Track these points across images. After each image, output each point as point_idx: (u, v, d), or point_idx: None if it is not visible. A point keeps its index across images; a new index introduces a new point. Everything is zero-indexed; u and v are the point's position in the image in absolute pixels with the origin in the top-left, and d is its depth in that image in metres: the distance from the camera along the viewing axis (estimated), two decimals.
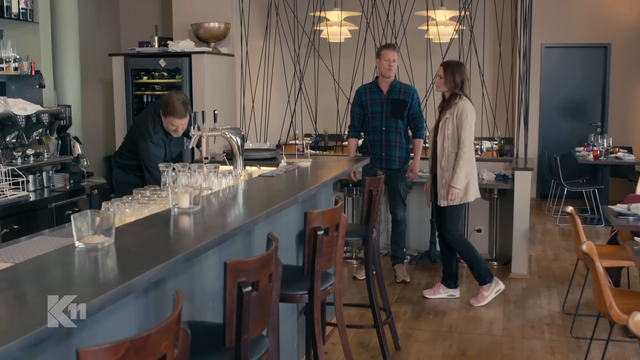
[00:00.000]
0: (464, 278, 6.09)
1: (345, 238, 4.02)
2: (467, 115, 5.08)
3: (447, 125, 5.15)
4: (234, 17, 7.21)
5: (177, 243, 2.40)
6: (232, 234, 2.61)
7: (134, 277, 1.97)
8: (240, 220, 2.85)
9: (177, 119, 4.52)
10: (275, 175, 4.03)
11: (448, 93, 5.21)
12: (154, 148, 4.59)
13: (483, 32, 7.17)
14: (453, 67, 5.17)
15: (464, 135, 5.08)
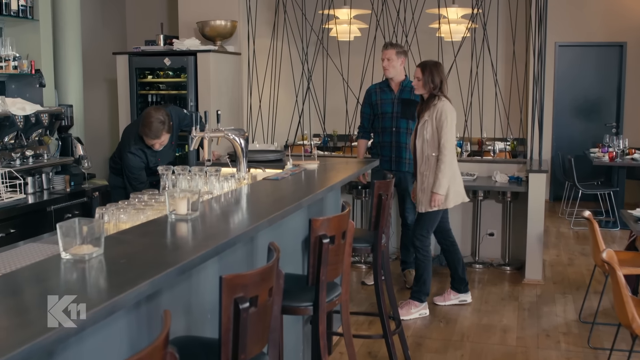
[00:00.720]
0: (476, 283, 5.91)
1: (353, 244, 3.86)
2: (446, 117, 4.85)
3: (425, 128, 4.94)
4: (240, 14, 7.05)
5: (171, 254, 2.24)
6: (230, 243, 2.44)
7: (120, 293, 1.80)
8: (241, 227, 2.68)
9: (152, 140, 4.42)
10: (280, 178, 3.86)
11: (426, 95, 5.00)
12: (132, 159, 4.50)
13: (496, 31, 6.97)
14: (431, 68, 4.94)
15: (444, 138, 4.85)
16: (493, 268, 6.34)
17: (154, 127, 4.37)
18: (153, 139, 4.43)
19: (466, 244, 6.65)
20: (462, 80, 6.85)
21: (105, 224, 2.91)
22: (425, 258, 5.13)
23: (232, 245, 2.49)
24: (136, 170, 4.53)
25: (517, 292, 5.66)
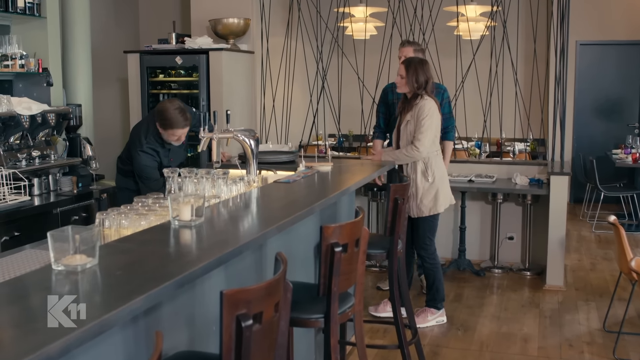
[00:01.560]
0: (495, 289, 5.72)
1: (368, 250, 3.69)
2: (426, 115, 4.62)
3: (408, 128, 4.74)
4: (254, 12, 6.90)
5: (170, 265, 2.08)
6: (236, 252, 2.28)
7: (111, 310, 1.65)
8: (248, 235, 2.52)
9: (179, 130, 4.19)
10: (291, 181, 3.70)
11: (410, 94, 4.79)
12: (145, 158, 4.28)
13: (517, 29, 6.78)
14: (416, 66, 4.72)
15: (422, 135, 4.60)
16: (512, 273, 6.14)
17: (175, 117, 4.14)
18: (183, 128, 4.17)
19: (485, 248, 6.47)
20: (481, 79, 6.65)
21: (106, 229, 2.79)
22: (433, 266, 4.93)
23: (238, 255, 2.33)
24: (150, 170, 4.29)
25: (537, 298, 5.47)
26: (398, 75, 4.80)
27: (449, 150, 5.53)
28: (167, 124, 4.16)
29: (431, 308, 4.94)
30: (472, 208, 6.38)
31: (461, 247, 6.24)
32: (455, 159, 6.49)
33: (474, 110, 6.99)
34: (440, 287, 4.95)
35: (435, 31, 6.82)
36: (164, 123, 4.18)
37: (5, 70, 4.91)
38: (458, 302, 5.35)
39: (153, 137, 4.30)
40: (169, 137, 4.24)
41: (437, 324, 4.94)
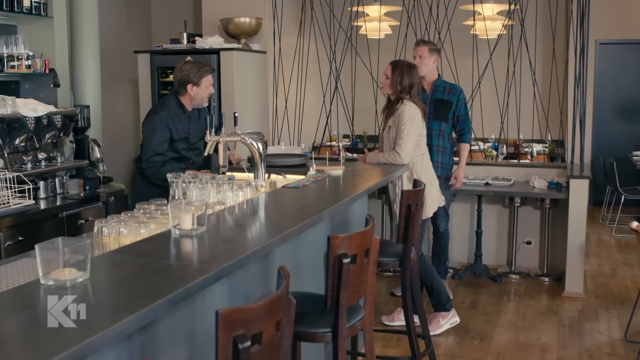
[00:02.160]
0: (512, 295, 5.56)
1: (380, 258, 3.56)
2: (405, 119, 4.45)
3: (390, 134, 4.59)
4: (266, 11, 6.78)
5: (165, 279, 1.96)
6: (236, 266, 2.15)
7: (96, 333, 1.53)
8: (251, 246, 2.39)
9: (211, 75, 4.31)
10: (301, 186, 3.57)
11: (393, 96, 4.63)
12: (159, 126, 4.19)
13: (535, 27, 6.59)
14: (403, 68, 4.56)
15: (402, 140, 4.43)
16: (530, 279, 5.98)
17: (201, 64, 4.29)
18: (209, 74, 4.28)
19: (502, 253, 6.31)
20: (498, 79, 6.49)
21: (104, 238, 2.67)
22: (425, 270, 4.76)
23: (239, 268, 2.20)
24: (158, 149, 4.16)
25: (556, 306, 5.30)
26: (383, 75, 4.66)
27: (465, 152, 5.39)
28: (198, 74, 4.24)
29: (441, 312, 4.79)
30: (488, 212, 6.22)
31: (477, 252, 6.08)
32: (471, 161, 6.34)
33: (491, 111, 6.82)
34: (440, 287, 4.78)
35: (451, 30, 6.67)
36: (193, 76, 4.24)
37: (11, 71, 4.83)
38: (474, 309, 5.20)
39: (174, 104, 4.32)
40: (204, 91, 4.28)
41: (451, 325, 4.81)
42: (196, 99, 4.33)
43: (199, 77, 4.25)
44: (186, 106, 4.35)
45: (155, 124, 4.22)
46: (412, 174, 4.52)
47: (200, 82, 4.27)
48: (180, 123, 4.31)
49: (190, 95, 4.30)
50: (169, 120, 4.24)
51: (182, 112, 4.34)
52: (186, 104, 4.35)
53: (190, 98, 4.32)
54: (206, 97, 4.34)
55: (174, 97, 4.37)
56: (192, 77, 4.26)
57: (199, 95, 4.30)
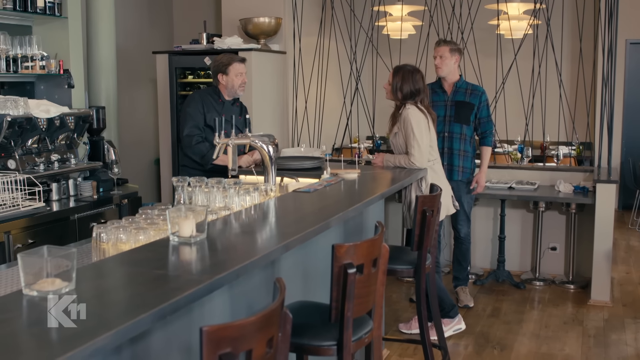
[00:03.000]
0: (536, 303, 5.39)
1: (393, 266, 3.44)
2: (410, 123, 4.31)
3: (397, 140, 4.45)
4: (286, 11, 6.67)
5: (154, 291, 1.86)
6: (231, 276, 2.05)
7: (68, 351, 1.43)
8: (251, 255, 2.27)
9: (239, 64, 4.57)
10: (312, 190, 3.46)
11: (397, 102, 4.49)
12: (195, 102, 4.54)
13: (561, 27, 6.39)
14: (404, 74, 4.40)
15: (413, 149, 4.30)
16: (555, 286, 5.79)
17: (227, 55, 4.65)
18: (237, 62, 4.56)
19: (525, 259, 6.13)
20: (523, 80, 6.31)
21: (103, 244, 2.59)
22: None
23: (235, 279, 2.09)
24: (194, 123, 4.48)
25: (581, 314, 5.12)
26: (387, 81, 4.54)
27: (487, 156, 5.24)
28: (227, 62, 4.55)
29: (444, 318, 4.64)
30: (512, 216, 6.05)
31: (500, 258, 5.91)
32: (494, 164, 6.17)
33: (516, 113, 6.64)
34: (442, 295, 4.62)
35: (474, 30, 6.50)
36: (221, 64, 4.55)
37: (25, 72, 4.78)
38: (495, 317, 5.04)
39: (211, 90, 4.67)
40: (234, 79, 4.55)
41: (454, 332, 4.70)
42: (228, 87, 4.61)
43: (227, 66, 4.55)
44: (223, 94, 4.66)
45: (193, 97, 4.64)
46: (420, 180, 4.37)
47: (229, 70, 4.55)
48: (215, 105, 4.62)
49: (223, 84, 4.61)
50: (205, 96, 4.62)
51: (218, 97, 4.64)
52: (223, 93, 4.65)
53: (224, 87, 4.63)
54: (238, 86, 4.59)
55: (212, 86, 4.77)
56: (221, 67, 4.58)
57: (229, 83, 4.58)
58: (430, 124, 4.46)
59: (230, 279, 2.05)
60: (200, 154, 4.44)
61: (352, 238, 3.65)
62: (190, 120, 4.48)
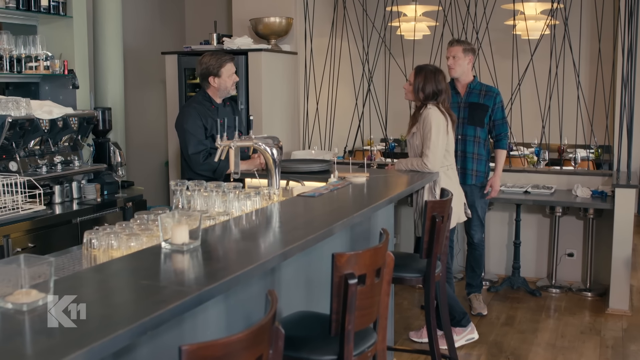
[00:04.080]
0: (552, 312, 5.22)
1: (401, 274, 3.30)
2: (430, 123, 4.17)
3: (415, 141, 4.31)
4: (297, 11, 6.55)
5: (136, 303, 1.74)
6: (222, 288, 1.92)
7: None
8: (245, 264, 2.14)
9: (231, 63, 4.35)
10: (317, 195, 3.32)
11: (417, 103, 4.36)
12: (192, 117, 4.25)
13: (579, 27, 6.22)
14: (427, 74, 4.27)
15: (429, 150, 4.16)
16: (572, 293, 5.62)
17: (220, 53, 4.41)
18: (229, 62, 4.33)
19: (541, 265, 5.96)
20: (539, 81, 6.14)
21: (94, 250, 2.48)
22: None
23: (226, 290, 1.97)
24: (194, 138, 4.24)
25: (599, 324, 4.95)
26: (407, 81, 4.41)
27: (501, 160, 5.08)
28: (217, 63, 4.29)
29: (455, 327, 4.48)
30: (528, 221, 5.88)
31: (515, 264, 5.75)
32: (510, 168, 6.01)
33: (532, 115, 6.47)
34: (453, 303, 4.46)
35: (490, 31, 6.34)
36: (213, 67, 4.29)
37: (29, 72, 4.70)
38: (509, 326, 4.88)
39: (201, 98, 4.40)
40: (227, 81, 4.32)
41: (467, 342, 4.55)
42: (221, 89, 4.39)
43: (218, 68, 4.31)
44: (214, 98, 4.42)
45: (188, 113, 4.32)
46: (434, 185, 4.23)
47: (220, 72, 4.33)
48: (210, 112, 4.37)
49: (214, 87, 4.37)
50: (198, 108, 4.34)
51: (210, 104, 4.40)
52: (214, 96, 4.41)
53: (215, 90, 4.39)
54: (231, 86, 4.39)
55: (201, 92, 4.47)
56: (211, 69, 4.33)
57: (222, 85, 4.36)
58: (450, 127, 4.32)
59: (221, 290, 1.93)
60: (211, 169, 4.17)
61: (359, 245, 3.51)
62: (192, 137, 4.23)
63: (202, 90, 4.48)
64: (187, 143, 4.27)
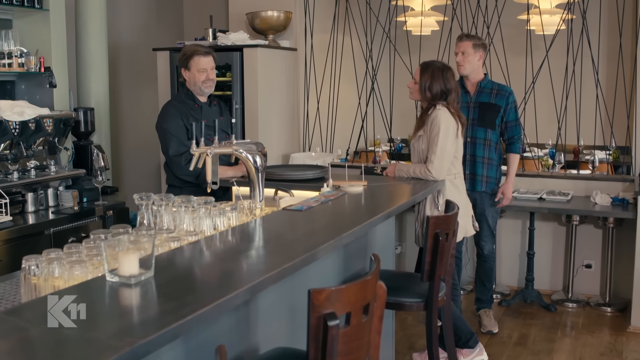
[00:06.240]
0: (568, 329, 4.82)
1: (400, 298, 2.92)
2: (437, 128, 3.80)
3: (420, 144, 3.94)
4: (296, 5, 6.17)
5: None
6: (168, 336, 1.54)
7: None
8: (205, 301, 1.76)
9: (202, 57, 3.93)
10: (304, 208, 2.94)
11: (424, 103, 3.98)
12: (173, 116, 3.89)
13: (599, 21, 5.81)
14: (434, 72, 3.88)
15: (435, 154, 3.80)
16: (590, 308, 5.21)
17: (196, 46, 4.01)
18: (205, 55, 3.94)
19: (557, 277, 5.56)
20: (555, 79, 5.73)
21: (33, 279, 2.11)
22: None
23: (174, 339, 1.59)
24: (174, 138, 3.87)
25: (619, 344, 4.54)
26: (412, 79, 4.02)
27: (514, 164, 4.69)
28: (188, 54, 3.93)
29: (462, 349, 4.09)
30: (542, 230, 5.48)
31: (529, 276, 5.34)
32: (523, 172, 5.61)
33: (547, 115, 6.05)
34: (459, 323, 4.06)
35: (502, 26, 5.94)
36: (185, 58, 3.94)
37: (3, 70, 4.35)
38: (522, 346, 4.49)
39: (183, 96, 4.06)
40: (195, 76, 3.94)
41: None
42: (190, 85, 4.01)
43: (187, 60, 3.95)
44: (197, 96, 4.06)
45: (167, 111, 3.97)
46: (437, 196, 3.84)
47: (190, 64, 3.96)
48: (192, 112, 3.99)
49: (187, 80, 4.03)
50: (179, 106, 3.98)
51: (193, 102, 4.05)
52: (196, 94, 4.06)
53: (189, 84, 4.04)
54: (202, 82, 3.97)
55: (183, 90, 4.13)
56: (182, 60, 4.00)
57: (191, 79, 3.99)
58: (459, 132, 3.93)
59: (166, 340, 1.55)
60: (194, 174, 3.73)
61: (354, 264, 3.14)
62: (172, 138, 3.86)
63: (184, 88, 4.13)
64: (168, 144, 3.91)
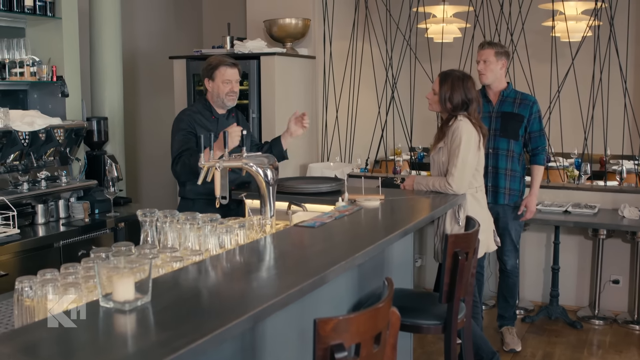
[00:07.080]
0: (595, 348, 4.63)
1: (417, 320, 2.78)
2: (458, 139, 3.65)
3: (440, 157, 3.77)
4: (315, 12, 6.05)
5: None
6: None
7: None
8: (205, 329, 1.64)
9: (229, 68, 3.82)
10: (318, 224, 2.81)
11: (444, 114, 3.82)
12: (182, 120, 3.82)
13: (627, 28, 5.62)
14: (454, 81, 3.72)
15: (456, 169, 3.65)
16: (617, 326, 5.02)
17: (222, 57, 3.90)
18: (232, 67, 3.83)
19: (583, 293, 5.37)
20: (581, 87, 5.55)
21: (27, 301, 2.00)
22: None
23: None
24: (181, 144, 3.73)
25: None
26: (431, 90, 3.87)
27: (538, 176, 4.53)
28: (214, 63, 3.83)
29: None
30: (567, 244, 5.29)
31: (553, 292, 5.16)
32: (547, 184, 5.44)
33: (572, 124, 5.87)
34: (480, 342, 3.89)
35: (526, 32, 5.77)
36: (210, 68, 3.84)
37: (14, 79, 4.28)
38: None
39: (201, 106, 3.95)
40: (219, 86, 3.83)
41: None
42: (214, 96, 3.89)
43: (213, 69, 3.84)
44: (215, 108, 3.94)
45: (180, 120, 3.86)
46: (458, 211, 3.69)
47: (214, 75, 3.85)
48: (208, 123, 3.86)
49: (209, 91, 3.91)
50: (194, 115, 3.87)
51: (210, 113, 3.93)
52: (215, 105, 3.94)
53: (211, 96, 3.92)
54: (225, 94, 3.86)
55: (202, 99, 4.04)
56: (207, 70, 3.89)
57: (214, 90, 3.87)
58: (481, 143, 3.78)
59: None
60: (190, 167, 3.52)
61: (370, 282, 3.00)
62: (175, 143, 3.77)
63: (202, 98, 4.04)
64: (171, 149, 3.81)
